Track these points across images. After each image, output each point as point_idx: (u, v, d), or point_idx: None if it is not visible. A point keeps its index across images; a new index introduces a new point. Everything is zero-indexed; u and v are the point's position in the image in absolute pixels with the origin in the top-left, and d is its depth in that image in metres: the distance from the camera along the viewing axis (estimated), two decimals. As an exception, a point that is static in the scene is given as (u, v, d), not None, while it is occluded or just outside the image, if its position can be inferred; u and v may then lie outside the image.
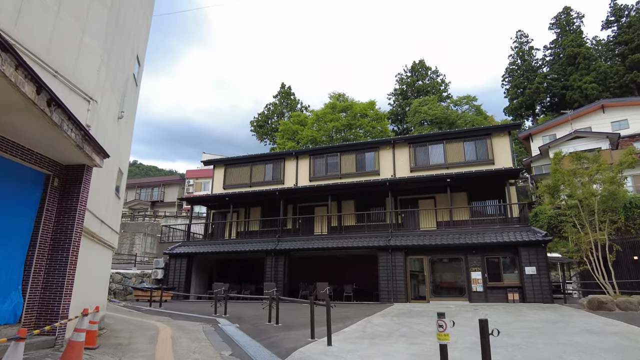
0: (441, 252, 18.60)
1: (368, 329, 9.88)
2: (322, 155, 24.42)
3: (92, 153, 6.13)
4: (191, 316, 13.83)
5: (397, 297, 18.14)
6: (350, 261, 22.37)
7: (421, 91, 45.06)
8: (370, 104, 38.24)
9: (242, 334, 9.56)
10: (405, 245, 18.60)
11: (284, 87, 48.17)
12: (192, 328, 10.79)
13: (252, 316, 13.55)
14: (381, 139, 24.62)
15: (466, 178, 19.69)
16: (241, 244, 22.00)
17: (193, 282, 22.69)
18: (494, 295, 17.49)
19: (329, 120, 36.34)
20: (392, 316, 12.67)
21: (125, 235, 33.35)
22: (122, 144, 9.88)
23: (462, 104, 40.65)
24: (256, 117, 47.67)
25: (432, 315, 12.83)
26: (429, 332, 9.15)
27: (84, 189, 6.42)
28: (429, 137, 22.97)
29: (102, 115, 7.76)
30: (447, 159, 22.13)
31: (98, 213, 8.07)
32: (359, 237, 19.99)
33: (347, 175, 23.31)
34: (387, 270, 18.59)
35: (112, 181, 9.11)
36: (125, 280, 21.85)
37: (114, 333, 9.24)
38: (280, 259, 20.61)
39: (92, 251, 8.16)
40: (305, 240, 20.97)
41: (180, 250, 22.67)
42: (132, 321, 11.94)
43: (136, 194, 49.46)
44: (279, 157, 25.67)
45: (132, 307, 16.02)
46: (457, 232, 18.93)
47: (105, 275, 9.49)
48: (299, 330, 9.93)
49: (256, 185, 25.19)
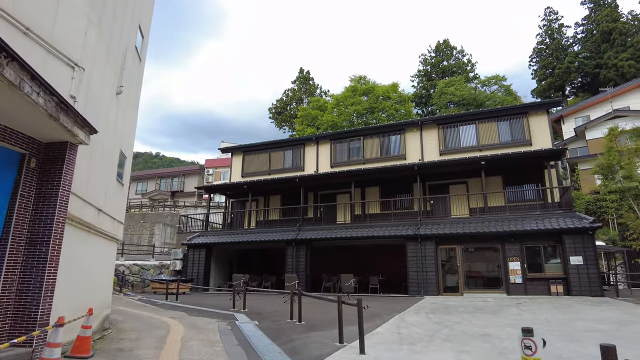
0: (475, 241, 17.15)
1: (403, 329, 8.66)
2: (344, 140, 23.09)
3: (73, 126, 5.05)
4: (208, 311, 12.92)
5: (427, 289, 16.86)
6: (375, 251, 21.14)
7: (446, 72, 42.85)
8: (393, 86, 36.46)
9: (260, 335, 8.50)
10: (436, 234, 17.22)
11: (302, 71, 46.68)
12: (207, 326, 9.81)
13: (273, 311, 12.52)
14: (407, 121, 23.09)
15: (502, 160, 18.07)
16: (261, 233, 21.03)
17: (212, 273, 21.93)
18: (534, 288, 16.00)
19: (350, 104, 34.77)
20: (426, 313, 11.41)
21: (144, 226, 32.99)
22: (124, 124, 8.85)
23: (491, 84, 38.34)
24: (274, 103, 46.47)
25: (471, 311, 11.51)
26: (475, 334, 7.86)
27: (67, 171, 5.37)
28: (459, 117, 21.33)
29: (94, 87, 6.69)
30: (480, 141, 20.50)
31: (94, 201, 7.06)
32: (385, 226, 18.69)
33: (371, 160, 21.94)
34: (417, 261, 17.29)
35: (112, 165, 8.10)
36: (143, 272, 21.24)
37: (120, 334, 8.32)
38: (302, 249, 19.55)
39: (90, 244, 7.18)
40: (328, 229, 19.81)
41: (198, 240, 21.89)
42: (143, 318, 11.07)
43: (156, 184, 49.29)
44: (299, 142, 24.46)
45: (148, 301, 15.25)
46: (493, 219, 17.42)
47: (108, 270, 8.55)
48: (325, 331, 8.81)
49: (275, 173, 24.12)
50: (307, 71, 46.55)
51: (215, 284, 21.81)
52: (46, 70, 5.22)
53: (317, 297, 9.43)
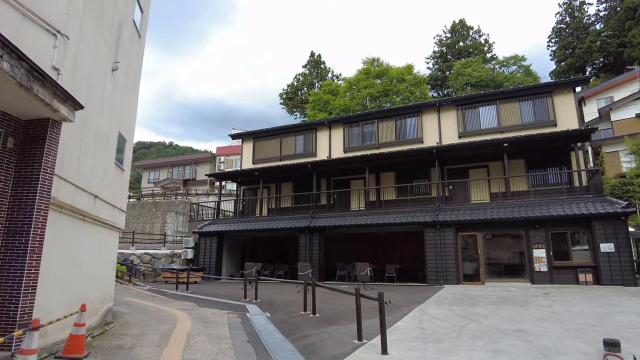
0: (497, 228, 16.30)
1: (426, 323, 7.97)
2: (357, 124, 22.22)
3: (52, 99, 4.40)
4: (218, 302, 12.42)
5: (446, 278, 16.13)
6: (391, 239, 20.42)
7: (463, 53, 41.22)
8: (408, 68, 35.16)
9: (272, 329, 7.91)
10: (455, 220, 16.40)
11: (313, 55, 45.45)
12: (216, 319, 9.27)
13: (285, 302, 11.96)
14: (424, 102, 22.08)
15: (526, 142, 17.04)
16: (273, 221, 20.46)
17: (224, 262, 21.53)
18: (560, 276, 15.15)
19: (363, 87, 33.66)
20: (449, 304, 10.70)
21: (156, 214, 32.79)
22: (123, 104, 8.21)
23: (509, 64, 36.71)
24: (285, 89, 45.46)
25: (496, 302, 10.76)
26: (507, 330, 7.13)
27: (50, 151, 4.75)
28: (479, 97, 20.24)
29: (83, 61, 6.03)
30: (501, 122, 19.45)
31: (88, 187, 6.46)
32: (401, 212, 17.92)
33: (386, 144, 21.07)
34: (435, 249, 16.54)
35: (109, 149, 7.48)
36: (155, 261, 20.92)
37: (122, 328, 7.81)
38: (315, 237, 18.93)
39: (85, 233, 6.61)
40: (341, 216, 19.13)
41: (209, 228, 21.45)
42: (150, 310, 10.59)
43: (168, 172, 49.14)
44: (311, 127, 23.68)
45: (157, 291, 14.85)
46: (515, 204, 16.51)
47: (108, 261, 8.02)
48: (341, 326, 8.17)
49: (287, 159, 23.45)
50: (318, 55, 45.37)
51: (227, 273, 21.42)
52: (20, 37, 4.57)
53: (332, 288, 8.78)
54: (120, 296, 12.64)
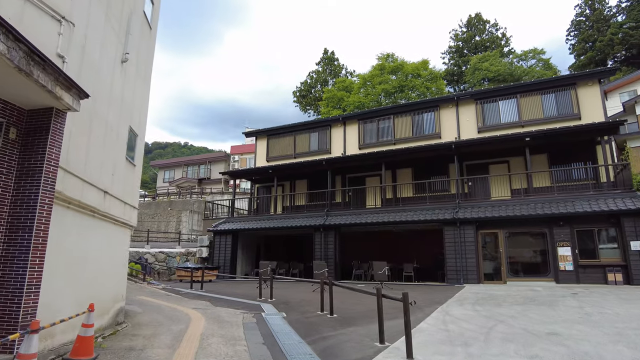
0: (519, 225, 15.69)
1: (451, 325, 7.54)
2: (373, 120, 21.77)
3: (55, 86, 4.14)
4: (233, 301, 12.17)
5: (467, 277, 15.61)
6: (408, 237, 19.94)
7: (479, 47, 40.26)
8: (423, 63, 34.47)
9: (289, 330, 7.59)
10: (476, 217, 15.85)
11: (326, 52, 45.02)
12: (231, 319, 8.99)
13: (301, 301, 11.64)
14: (442, 97, 21.53)
15: (549, 136, 16.38)
16: (287, 219, 20.18)
17: (239, 260, 21.33)
18: (587, 276, 14.49)
19: (378, 83, 33.11)
20: (471, 304, 10.23)
21: (171, 213, 32.86)
22: (134, 98, 7.97)
23: (528, 58, 35.73)
24: (299, 86, 45.18)
25: (522, 303, 10.24)
26: (539, 333, 6.66)
27: (54, 142, 4.49)
28: (499, 91, 19.60)
29: (90, 49, 5.78)
30: (522, 116, 18.80)
31: (97, 182, 6.21)
32: (419, 210, 17.43)
33: (403, 140, 20.58)
34: (455, 247, 16.02)
35: (120, 143, 7.24)
36: (169, 260, 20.85)
37: (134, 329, 7.58)
38: (330, 235, 18.58)
39: (95, 230, 6.37)
40: (357, 214, 18.72)
41: (224, 226, 21.29)
42: (163, 309, 10.38)
43: (183, 172, 49.39)
44: (325, 124, 23.32)
45: (172, 290, 14.69)
46: (539, 200, 15.89)
47: (120, 259, 7.79)
48: (360, 327, 7.79)
49: (301, 156, 23.13)
50: (332, 52, 44.92)
51: (242, 271, 21.22)
52: (23, 21, 4.32)
53: (350, 287, 8.40)
54: (134, 295, 12.50)
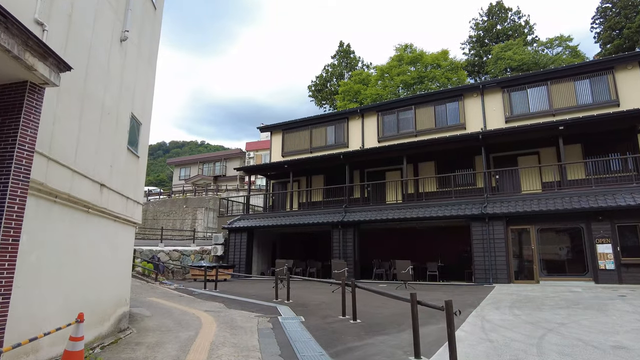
0: (553, 220, 14.56)
1: (492, 334, 6.62)
2: (392, 111, 20.78)
3: (24, 52, 3.41)
4: (248, 303, 11.45)
5: (496, 276, 14.57)
6: (432, 234, 18.94)
7: (501, 36, 38.65)
8: (443, 54, 33.19)
9: (308, 338, 6.79)
10: (506, 212, 14.78)
11: (342, 45, 43.98)
12: (245, 324, 8.25)
13: (320, 304, 10.84)
14: (466, 85, 20.41)
15: (585, 125, 15.18)
16: (304, 216, 19.40)
17: (254, 259, 20.68)
18: (631, 275, 13.29)
19: (396, 75, 31.96)
20: (508, 307, 9.25)
21: (186, 211, 32.49)
22: (136, 82, 7.26)
23: (554, 46, 34.08)
24: (314, 81, 44.26)
25: (565, 306, 9.21)
26: (602, 346, 5.69)
27: (28, 123, 3.78)
28: (527, 78, 18.37)
29: (78, 20, 5.06)
30: (553, 104, 17.55)
31: (92, 173, 5.51)
32: (444, 205, 16.42)
33: (424, 132, 19.55)
34: (484, 244, 14.98)
35: (120, 131, 6.54)
36: (184, 258, 20.32)
37: (139, 336, 6.89)
38: (349, 233, 17.72)
39: (90, 227, 5.67)
40: (377, 210, 17.80)
41: (239, 224, 20.64)
42: (174, 312, 9.71)
43: (199, 169, 49.19)
44: (342, 116, 22.42)
45: (184, 290, 14.08)
46: (574, 194, 14.70)
47: (122, 259, 7.11)
48: (390, 335, 6.94)
49: (317, 151, 22.32)
50: (348, 44, 43.78)
51: (257, 270, 20.57)
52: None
53: (378, 292, 7.53)
54: (144, 296, 11.91)
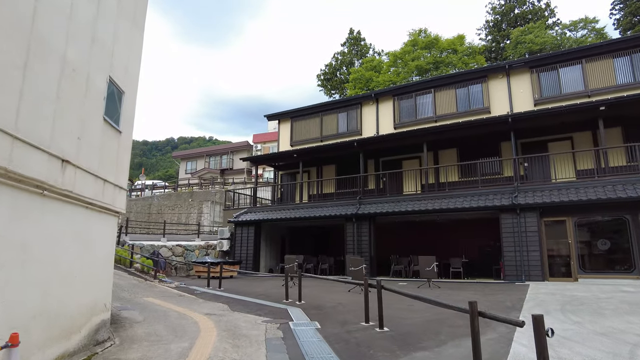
0: (593, 211, 13.07)
1: (563, 351, 5.24)
2: (410, 95, 19.30)
3: None
4: (254, 304, 10.19)
5: (529, 273, 13.16)
6: (454, 227, 17.53)
7: (520, 20, 36.82)
8: (459, 38, 31.48)
9: (328, 354, 5.49)
10: (540, 203, 13.31)
11: (352, 32, 42.23)
12: (250, 332, 6.98)
13: (337, 305, 9.53)
14: (491, 65, 18.88)
15: (629, 104, 13.61)
16: (314, 208, 18.08)
17: (262, 254, 19.44)
18: (685, 272, 11.82)
19: (410, 60, 30.33)
20: (560, 311, 7.84)
21: (192, 204, 31.38)
22: (115, 42, 5.97)
23: (578, 28, 32.18)
24: (323, 69, 42.72)
25: (630, 311, 7.76)
26: None
27: None
28: (559, 56, 16.78)
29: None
30: (588, 84, 15.99)
31: (46, 143, 4.22)
32: (469, 195, 14.99)
33: (445, 116, 18.08)
34: (514, 238, 13.56)
35: (91, 95, 5.25)
36: (188, 254, 19.15)
37: (120, 350, 5.64)
38: (364, 226, 16.37)
39: (49, 216, 4.41)
40: (394, 201, 16.41)
41: (246, 217, 19.41)
42: (170, 316, 8.46)
43: (205, 162, 48.17)
44: (355, 102, 20.99)
45: (185, 289, 12.86)
46: (617, 181, 13.18)
47: (100, 256, 5.85)
48: (429, 351, 5.58)
49: (328, 139, 20.95)
50: (358, 31, 42.07)
51: (265, 266, 19.34)
52: None
53: (407, 294, 6.18)
54: (139, 296, 10.69)
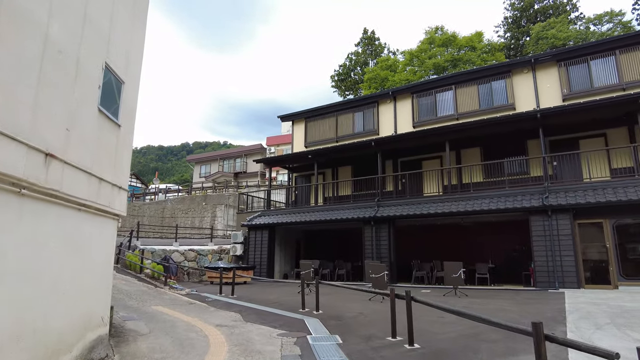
0: (633, 212, 12.05)
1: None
2: (429, 92, 18.47)
3: None
4: (269, 313, 9.52)
5: (563, 280, 12.21)
6: (479, 230, 16.60)
7: (540, 15, 35.59)
8: (478, 35, 30.46)
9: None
10: (573, 204, 12.36)
11: (366, 32, 41.44)
12: (264, 347, 6.29)
13: (357, 316, 8.79)
14: (515, 60, 17.90)
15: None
16: (330, 211, 17.36)
17: (277, 258, 18.79)
18: None
19: (427, 58, 29.42)
20: (612, 325, 6.96)
21: (205, 208, 30.98)
22: (112, 25, 5.39)
23: (603, 22, 30.85)
24: (337, 70, 42.00)
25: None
26: None
27: None
28: (590, 48, 15.77)
29: None
30: (623, 77, 14.94)
31: (26, 135, 3.61)
32: (495, 197, 14.09)
33: (467, 114, 17.20)
34: (546, 241, 12.63)
35: (83, 82, 4.66)
36: (200, 259, 18.61)
37: (118, 370, 5.01)
38: (383, 229, 15.58)
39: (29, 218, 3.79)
40: (415, 204, 15.59)
41: (259, 220, 18.80)
42: (178, 327, 7.83)
43: (219, 166, 47.98)
44: (371, 101, 20.24)
45: (196, 296, 12.25)
46: (658, 180, 12.16)
47: (96, 264, 5.25)
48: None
49: (344, 139, 20.23)
50: (372, 31, 41.23)
51: (280, 271, 18.68)
52: None
53: (445, 309, 5.40)
54: (147, 305, 10.11)
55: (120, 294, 11.02)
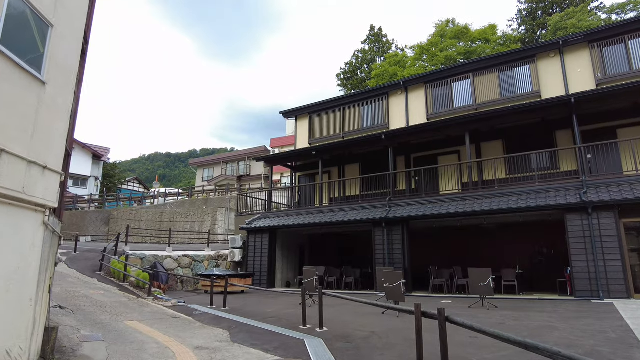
0: (688, 210, 10.31)
1: None
2: (444, 81, 16.85)
3: None
4: (263, 331, 7.93)
5: (608, 289, 10.46)
6: (502, 232, 14.87)
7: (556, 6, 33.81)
8: (491, 28, 28.84)
9: None
10: (618, 200, 10.62)
11: (373, 29, 39.90)
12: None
13: (370, 336, 7.15)
14: (540, 44, 16.19)
15: None
16: (337, 212, 15.74)
17: (278, 265, 17.19)
18: None
19: (439, 51, 27.78)
20: None
21: (206, 212, 29.51)
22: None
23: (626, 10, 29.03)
24: (343, 68, 40.48)
25: None
26: None
27: None
28: (626, 25, 14.06)
29: None
30: (666, 58, 13.23)
31: None
32: (523, 193, 12.38)
33: (487, 103, 15.55)
34: (585, 244, 10.89)
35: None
36: (196, 265, 17.09)
37: None
38: (396, 232, 13.91)
39: None
40: (431, 203, 13.93)
41: (259, 223, 17.24)
42: (147, 351, 6.27)
43: (222, 169, 46.67)
44: (380, 92, 18.64)
45: (183, 308, 10.67)
46: None
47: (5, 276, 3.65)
48: None
49: (350, 135, 18.66)
50: (379, 28, 39.67)
51: (282, 279, 17.07)
52: None
53: (504, 337, 3.77)
54: (121, 320, 8.55)
55: (93, 306, 9.50)
